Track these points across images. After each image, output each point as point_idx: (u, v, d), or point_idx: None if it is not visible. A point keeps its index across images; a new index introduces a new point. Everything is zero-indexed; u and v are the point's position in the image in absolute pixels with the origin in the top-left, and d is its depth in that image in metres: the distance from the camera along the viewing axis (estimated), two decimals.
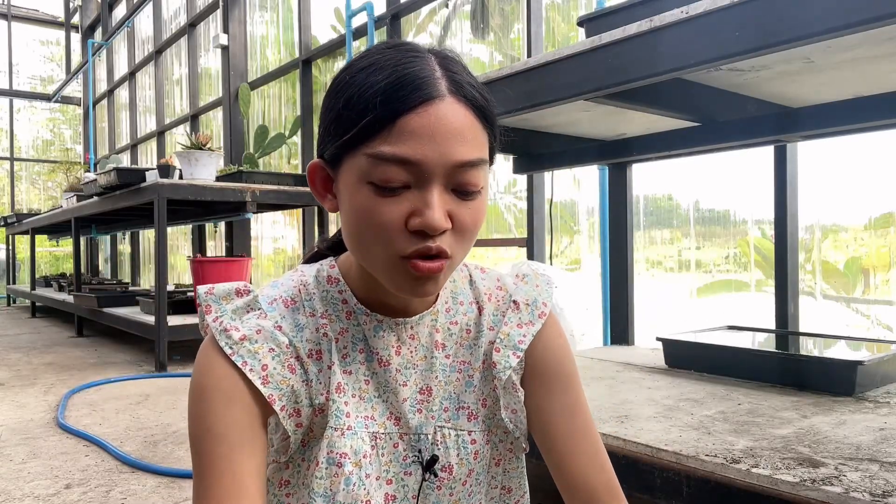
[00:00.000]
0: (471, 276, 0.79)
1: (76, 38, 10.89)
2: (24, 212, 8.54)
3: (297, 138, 5.27)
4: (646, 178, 2.99)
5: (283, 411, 0.66)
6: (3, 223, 7.96)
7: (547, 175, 3.24)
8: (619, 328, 2.41)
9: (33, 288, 7.24)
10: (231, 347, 0.65)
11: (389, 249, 0.61)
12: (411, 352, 0.72)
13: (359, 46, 4.66)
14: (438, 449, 0.71)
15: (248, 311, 0.68)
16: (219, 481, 0.63)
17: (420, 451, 0.71)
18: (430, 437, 0.71)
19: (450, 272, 0.65)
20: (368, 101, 0.60)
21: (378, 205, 0.60)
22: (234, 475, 0.62)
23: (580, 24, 1.58)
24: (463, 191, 0.62)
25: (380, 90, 0.60)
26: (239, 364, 0.64)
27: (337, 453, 0.66)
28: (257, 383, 0.64)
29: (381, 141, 0.59)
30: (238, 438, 0.63)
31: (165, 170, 3.85)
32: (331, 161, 0.65)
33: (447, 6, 4.06)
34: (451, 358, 0.74)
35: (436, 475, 0.71)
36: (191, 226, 6.13)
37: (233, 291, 0.69)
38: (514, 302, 0.76)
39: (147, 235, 8.38)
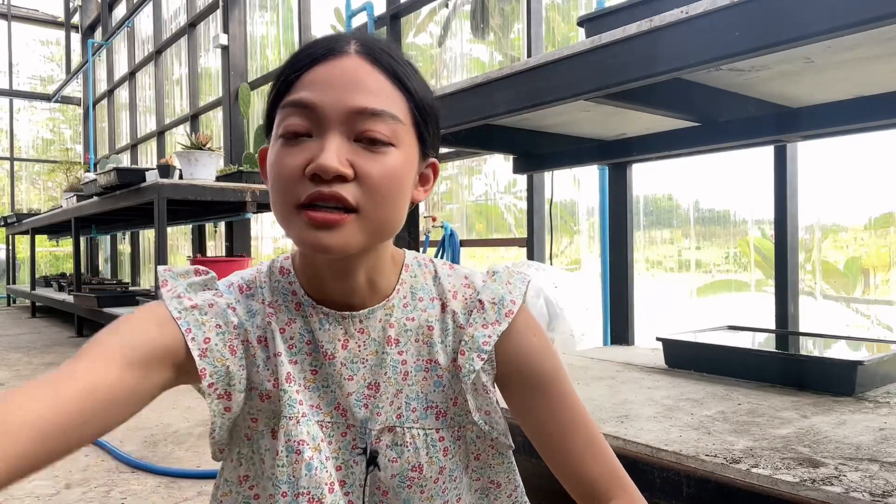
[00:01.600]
0: (436, 271, 0.77)
1: (76, 38, 10.89)
2: (24, 212, 8.53)
3: None
4: (646, 178, 2.99)
5: (212, 389, 0.66)
6: (3, 223, 7.96)
7: (547, 175, 3.24)
8: (619, 328, 2.41)
9: (33, 288, 7.23)
10: (180, 312, 0.65)
11: (288, 199, 0.62)
12: (360, 346, 0.71)
13: None
14: (409, 450, 0.70)
15: (203, 289, 0.70)
16: (71, 362, 0.59)
17: (366, 445, 0.70)
18: (374, 432, 0.70)
19: (363, 231, 0.63)
20: (284, 67, 0.66)
21: (283, 155, 0.63)
22: (83, 367, 0.58)
23: (580, 24, 1.58)
24: (367, 139, 0.62)
25: (293, 55, 0.66)
26: (183, 329, 0.65)
27: (295, 441, 0.66)
28: (195, 353, 0.64)
29: (287, 95, 0.64)
30: (120, 347, 0.60)
31: (165, 170, 3.85)
32: (268, 139, 0.68)
33: (447, 6, 4.06)
34: (404, 354, 0.72)
35: (379, 468, 0.70)
36: (191, 226, 6.13)
37: (192, 271, 0.71)
38: (480, 301, 0.74)
39: (147, 235, 8.38)
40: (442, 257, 3.28)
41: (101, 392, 0.57)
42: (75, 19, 10.83)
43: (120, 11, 9.40)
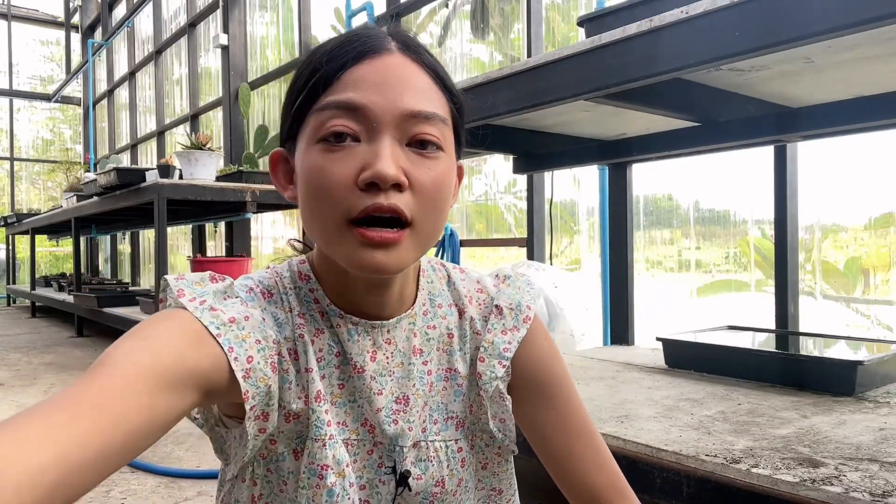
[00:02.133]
0: (449, 276, 0.74)
1: (76, 38, 10.89)
2: (24, 212, 8.54)
3: None
4: (646, 178, 2.99)
5: (253, 411, 0.58)
6: (3, 223, 7.96)
7: (547, 175, 3.24)
8: (619, 328, 2.41)
9: (33, 288, 7.24)
10: (219, 328, 0.57)
11: (339, 212, 0.57)
12: (387, 358, 0.67)
13: None
14: (433, 464, 0.68)
15: (226, 298, 0.62)
16: (91, 379, 0.49)
17: (395, 462, 0.66)
18: (406, 449, 0.66)
19: (416, 247, 0.60)
20: (316, 62, 0.60)
21: (327, 162, 0.57)
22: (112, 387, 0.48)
23: (580, 24, 1.58)
24: (420, 143, 0.58)
25: (327, 51, 0.60)
26: (225, 348, 0.56)
27: (318, 465, 0.62)
28: (239, 375, 0.56)
29: (326, 95, 0.58)
30: (166, 369, 0.52)
31: (165, 170, 3.85)
32: (288, 142, 0.63)
33: (447, 6, 4.06)
34: (429, 364, 0.69)
35: (410, 489, 0.67)
36: (191, 226, 6.13)
37: (207, 278, 0.63)
38: (497, 307, 0.72)
39: (147, 235, 8.38)
40: (442, 257, 3.28)
41: (128, 423, 0.48)
42: (75, 19, 10.84)
43: (120, 11, 9.40)
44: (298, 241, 0.77)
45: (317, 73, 0.59)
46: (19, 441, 0.43)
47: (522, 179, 3.42)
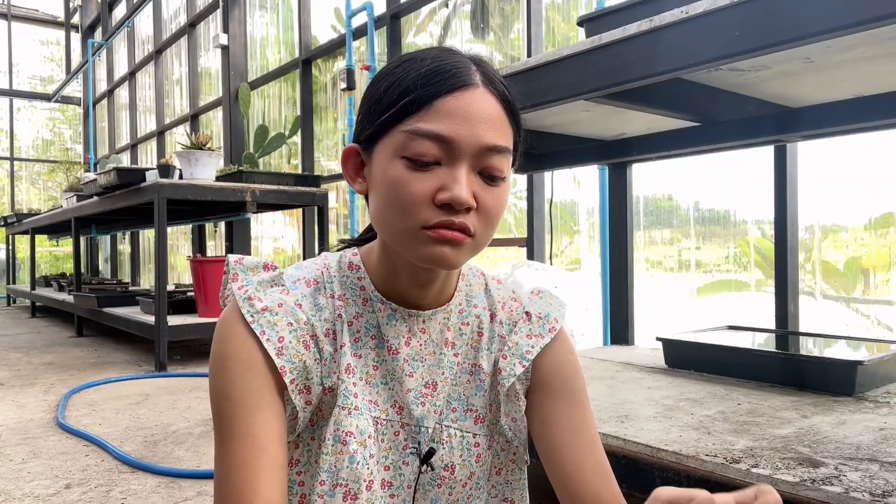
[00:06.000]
0: (487, 284, 0.82)
1: (76, 38, 10.89)
2: (24, 212, 8.53)
3: (297, 138, 5.26)
4: (646, 178, 2.99)
5: (293, 385, 0.68)
6: (3, 223, 7.96)
7: (547, 175, 3.24)
8: (619, 328, 2.41)
9: (33, 288, 7.23)
10: (252, 315, 0.68)
11: (415, 220, 0.64)
12: (421, 345, 0.74)
13: (359, 46, 4.66)
14: (444, 448, 0.72)
15: (272, 286, 0.71)
16: (240, 445, 0.65)
17: (419, 444, 0.72)
18: (430, 430, 0.72)
19: (471, 253, 0.68)
20: (409, 84, 0.66)
21: (409, 178, 0.64)
22: (254, 438, 0.65)
23: (580, 24, 1.58)
24: (488, 175, 0.66)
25: (420, 75, 0.66)
26: (257, 332, 0.67)
27: (343, 431, 0.68)
28: (272, 353, 0.67)
29: (417, 119, 0.64)
30: (257, 403, 0.66)
31: (165, 170, 3.84)
32: (366, 142, 0.69)
33: (447, 6, 4.06)
34: (459, 357, 0.76)
35: (433, 468, 0.72)
36: (191, 226, 6.13)
37: (260, 265, 0.73)
38: (527, 313, 0.78)
39: (147, 235, 8.38)
40: None
41: (275, 437, 0.66)
42: (75, 19, 10.84)
43: (120, 11, 9.40)
44: (350, 238, 0.86)
45: (409, 94, 0.65)
46: (255, 481, 0.63)
47: (522, 179, 3.42)
